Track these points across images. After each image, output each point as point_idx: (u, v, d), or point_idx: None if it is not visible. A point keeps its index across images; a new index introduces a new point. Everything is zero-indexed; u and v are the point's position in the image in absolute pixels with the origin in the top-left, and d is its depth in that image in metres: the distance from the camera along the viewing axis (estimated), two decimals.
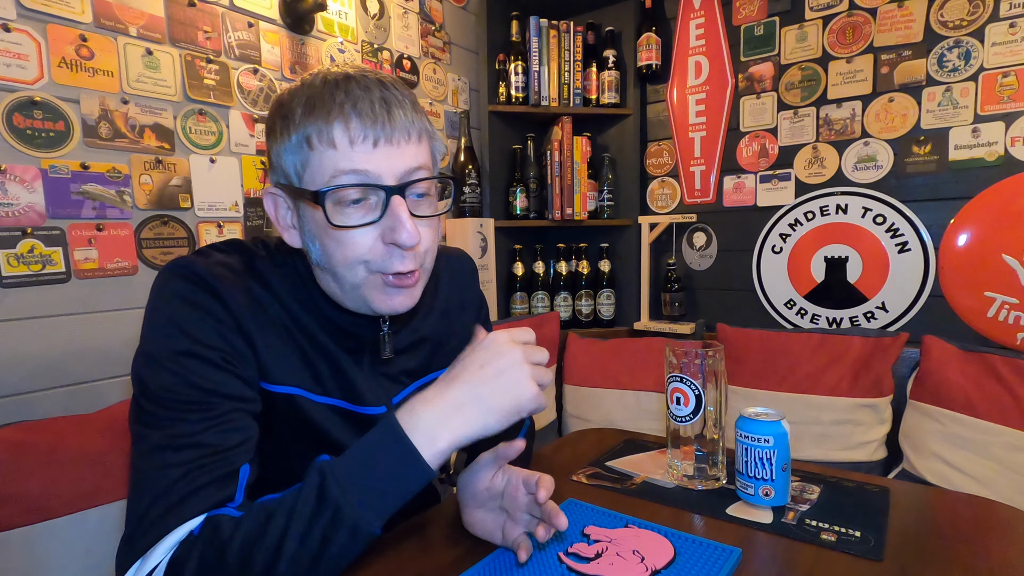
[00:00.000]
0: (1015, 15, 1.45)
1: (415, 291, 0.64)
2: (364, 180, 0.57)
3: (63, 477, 0.88)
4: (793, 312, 1.83)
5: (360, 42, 1.61)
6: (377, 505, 0.52)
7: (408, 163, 0.59)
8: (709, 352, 0.79)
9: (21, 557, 0.84)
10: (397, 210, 0.58)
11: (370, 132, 0.56)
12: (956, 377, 1.36)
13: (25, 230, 1.01)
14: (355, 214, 0.58)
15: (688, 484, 0.82)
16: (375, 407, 0.69)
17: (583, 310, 2.08)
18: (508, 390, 0.55)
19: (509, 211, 2.02)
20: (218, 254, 0.63)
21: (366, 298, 0.61)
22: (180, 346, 0.55)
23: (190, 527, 0.51)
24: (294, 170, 0.59)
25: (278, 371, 0.62)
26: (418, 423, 0.53)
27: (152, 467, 0.52)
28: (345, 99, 0.56)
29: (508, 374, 0.55)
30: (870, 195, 1.67)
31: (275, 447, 0.65)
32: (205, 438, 0.54)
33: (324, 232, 0.59)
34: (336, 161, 0.56)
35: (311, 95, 0.57)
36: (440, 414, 0.54)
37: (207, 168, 1.26)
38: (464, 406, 0.54)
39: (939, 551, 0.63)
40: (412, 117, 0.59)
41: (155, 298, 0.58)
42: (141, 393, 0.56)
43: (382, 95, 0.57)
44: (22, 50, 1.00)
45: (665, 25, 2.00)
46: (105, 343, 1.11)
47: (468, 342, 0.81)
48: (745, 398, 1.61)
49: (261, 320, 0.61)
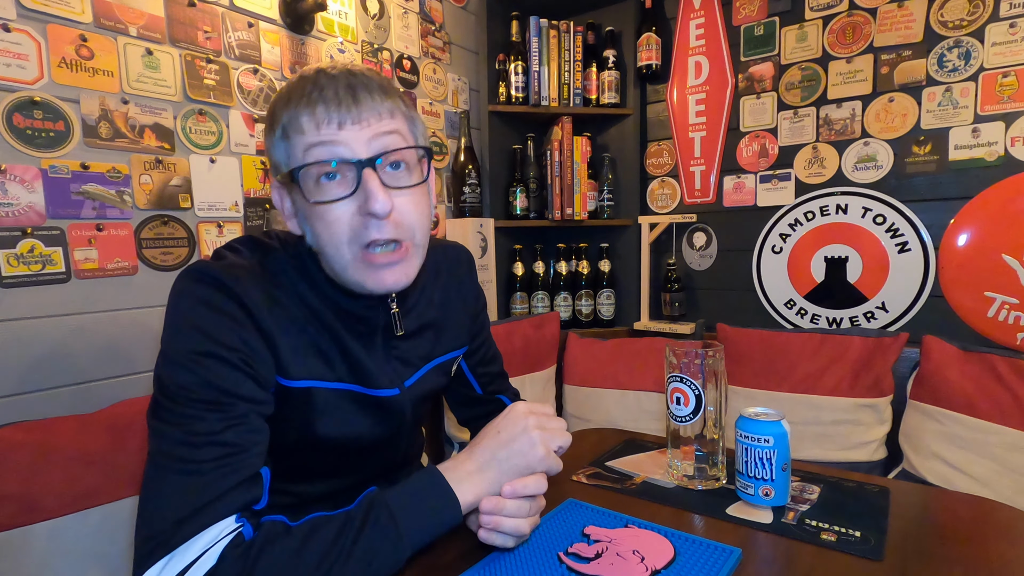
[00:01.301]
0: (1015, 15, 1.45)
1: (407, 267, 0.65)
2: (333, 153, 0.60)
3: (63, 477, 0.88)
4: (793, 312, 1.83)
5: (360, 42, 1.61)
6: (415, 536, 0.57)
7: (381, 139, 0.62)
8: (709, 352, 0.79)
9: (21, 557, 0.84)
10: (368, 181, 0.60)
11: (335, 116, 0.60)
12: (956, 377, 1.36)
13: (25, 230, 1.01)
14: (332, 190, 0.61)
15: (688, 484, 0.82)
16: (388, 389, 0.71)
17: (583, 310, 2.08)
18: (521, 452, 0.63)
19: (509, 211, 2.02)
20: (232, 255, 0.66)
21: (357, 279, 0.64)
22: (199, 346, 0.56)
23: (223, 526, 0.52)
24: (283, 161, 0.63)
25: (295, 366, 0.64)
26: (453, 477, 0.61)
27: (175, 464, 0.53)
28: (312, 87, 0.60)
29: (520, 440, 0.63)
30: (870, 195, 1.67)
31: (284, 439, 0.66)
32: (226, 437, 0.55)
33: (310, 212, 0.62)
34: (306, 141, 0.60)
35: (288, 91, 0.62)
36: (468, 472, 0.62)
37: (207, 168, 1.26)
38: (485, 467, 0.63)
39: (939, 551, 0.63)
40: (380, 98, 0.62)
41: (174, 303, 0.60)
42: (161, 392, 0.57)
43: (348, 82, 0.61)
44: (22, 50, 1.00)
45: (665, 25, 2.00)
46: (105, 343, 1.11)
47: (466, 325, 0.86)
48: (745, 398, 1.61)
49: (278, 315, 0.63)
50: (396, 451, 0.79)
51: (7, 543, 0.83)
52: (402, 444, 0.79)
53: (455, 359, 0.86)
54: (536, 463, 0.63)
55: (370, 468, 0.78)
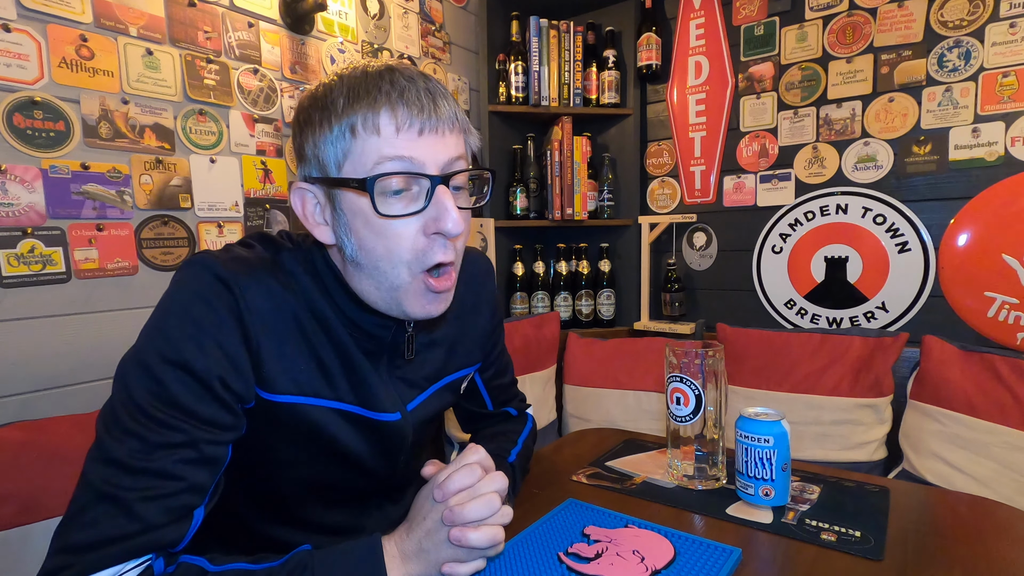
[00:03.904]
0: (1015, 15, 1.45)
1: (450, 295, 0.63)
2: (410, 167, 0.56)
3: (63, 477, 0.88)
4: (793, 312, 1.83)
5: (360, 42, 1.61)
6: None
7: (450, 153, 0.58)
8: (709, 352, 0.79)
9: (21, 557, 0.84)
10: (443, 199, 0.56)
11: (416, 120, 0.55)
12: (956, 377, 1.36)
13: (25, 230, 1.01)
14: (397, 204, 0.56)
15: (688, 484, 0.82)
16: (389, 413, 0.66)
17: (583, 310, 2.08)
18: (438, 548, 0.56)
19: (509, 211, 2.02)
20: (239, 248, 0.61)
21: (402, 301, 0.60)
22: (169, 352, 0.52)
23: (136, 561, 0.49)
24: (334, 161, 0.57)
25: (284, 379, 0.59)
26: (389, 553, 0.56)
27: (105, 487, 0.49)
28: (391, 88, 0.55)
29: (435, 536, 0.57)
30: (870, 195, 1.67)
31: (275, 456, 0.64)
32: (166, 465, 0.50)
33: (365, 224, 0.57)
34: (380, 148, 0.55)
35: (353, 85, 0.56)
36: (404, 555, 0.56)
37: (207, 168, 1.26)
38: (413, 557, 0.56)
39: (939, 551, 0.63)
40: (455, 109, 0.59)
41: (167, 293, 0.56)
42: (118, 395, 0.53)
43: (426, 85, 0.57)
44: (22, 50, 1.00)
45: (665, 25, 2.00)
46: (105, 343, 1.11)
47: (480, 341, 0.81)
48: (745, 398, 1.61)
49: (274, 321, 0.58)
50: (393, 474, 0.73)
51: (7, 543, 0.83)
52: (399, 468, 0.73)
53: (466, 377, 0.81)
54: (463, 555, 0.56)
55: (368, 491, 0.74)
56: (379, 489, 0.74)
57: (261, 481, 0.66)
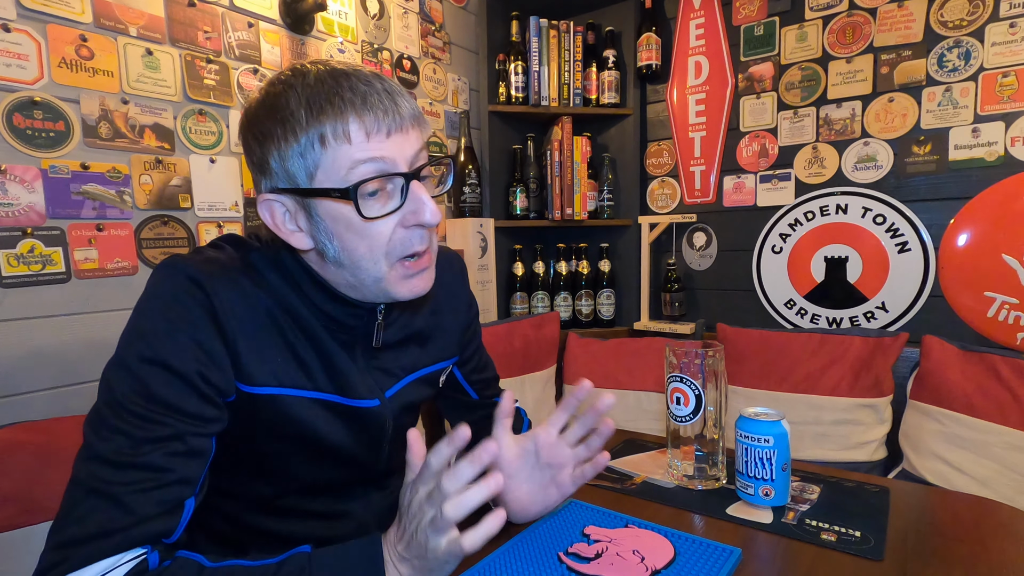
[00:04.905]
0: (1015, 15, 1.45)
1: (430, 272, 0.65)
2: (384, 168, 0.58)
3: (64, 477, 0.88)
4: (793, 312, 1.83)
5: (360, 42, 1.61)
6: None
7: (415, 147, 0.61)
8: (709, 352, 0.79)
9: (21, 557, 0.84)
10: (418, 193, 0.60)
11: (383, 123, 0.57)
12: (956, 377, 1.36)
13: (25, 230, 1.01)
14: (375, 205, 0.59)
15: (688, 484, 0.82)
16: (368, 400, 0.69)
17: (583, 310, 2.08)
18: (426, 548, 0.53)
19: (509, 211, 2.02)
20: (210, 251, 0.63)
21: (387, 290, 0.62)
22: (149, 352, 0.54)
23: (130, 553, 0.49)
24: (304, 172, 0.57)
25: (261, 372, 0.60)
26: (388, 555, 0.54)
27: (95, 483, 0.50)
28: (353, 95, 0.56)
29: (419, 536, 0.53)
30: (870, 195, 1.67)
31: (259, 448, 0.64)
32: (154, 459, 0.51)
33: (348, 228, 0.59)
34: (352, 154, 0.56)
35: (312, 95, 0.56)
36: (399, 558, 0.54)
37: (207, 168, 1.26)
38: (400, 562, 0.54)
39: (939, 551, 0.63)
40: (411, 103, 0.61)
41: (142, 297, 0.58)
42: (102, 397, 0.54)
43: (383, 86, 0.58)
44: (22, 50, 1.00)
45: (665, 25, 2.00)
46: (105, 343, 1.11)
47: (456, 336, 0.83)
48: (745, 398, 1.61)
49: (248, 318, 0.60)
50: (378, 462, 0.74)
51: (8, 543, 0.83)
52: (384, 455, 0.74)
53: (442, 370, 0.82)
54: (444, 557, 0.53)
55: (352, 480, 0.74)
56: (364, 477, 0.76)
57: (245, 473, 0.67)
